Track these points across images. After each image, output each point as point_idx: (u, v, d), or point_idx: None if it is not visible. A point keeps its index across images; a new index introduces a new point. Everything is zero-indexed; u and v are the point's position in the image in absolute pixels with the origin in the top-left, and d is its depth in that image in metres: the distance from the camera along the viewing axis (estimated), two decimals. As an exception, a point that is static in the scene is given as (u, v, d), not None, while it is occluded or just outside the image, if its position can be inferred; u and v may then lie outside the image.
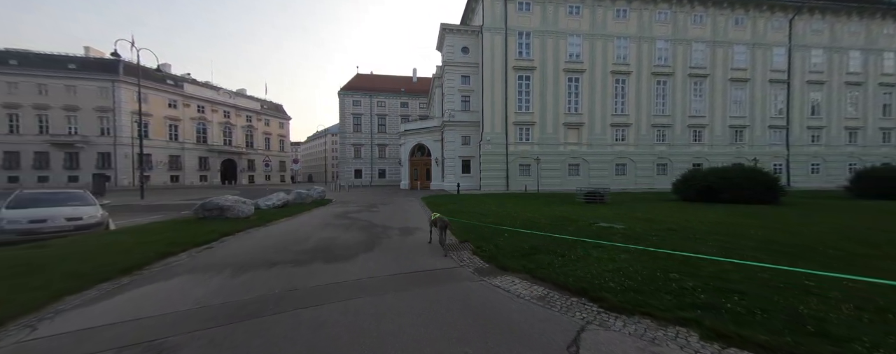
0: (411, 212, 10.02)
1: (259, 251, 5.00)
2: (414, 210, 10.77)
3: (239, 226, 7.17)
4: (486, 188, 23.93)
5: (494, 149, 24.20)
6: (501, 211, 9.92)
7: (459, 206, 11.54)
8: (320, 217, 9.20)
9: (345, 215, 9.54)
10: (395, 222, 7.96)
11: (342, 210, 11.12)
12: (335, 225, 7.64)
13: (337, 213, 10.06)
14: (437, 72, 28.88)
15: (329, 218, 8.80)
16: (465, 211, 10.01)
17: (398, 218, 8.67)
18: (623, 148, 26.25)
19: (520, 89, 24.81)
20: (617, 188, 24.77)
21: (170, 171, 41.63)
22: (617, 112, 26.17)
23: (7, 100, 33.91)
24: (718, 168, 13.51)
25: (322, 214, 9.88)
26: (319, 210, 11.22)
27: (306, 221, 8.31)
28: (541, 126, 25.04)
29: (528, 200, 14.25)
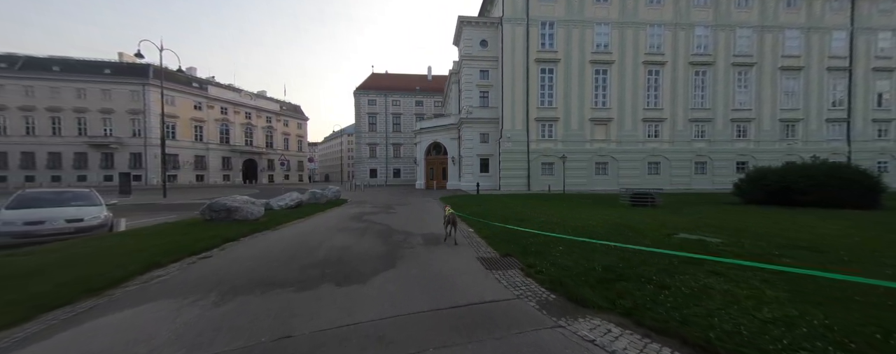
0: (432, 215, 9.10)
1: (260, 263, 4.20)
2: (434, 212, 9.85)
3: (245, 230, 6.50)
4: (506, 188, 22.70)
5: (515, 147, 22.91)
6: (536, 214, 8.79)
7: (484, 207, 10.51)
8: (334, 219, 8.45)
9: (360, 217, 8.75)
10: (415, 227, 7.07)
11: (357, 211, 10.38)
12: (350, 229, 6.83)
13: (352, 215, 9.30)
14: (453, 68, 27.89)
15: (343, 221, 8.02)
16: (493, 213, 8.97)
17: (418, 222, 7.77)
18: (656, 145, 24.16)
19: (542, 83, 23.34)
20: (649, 189, 22.83)
21: (195, 171, 43.14)
22: (649, 105, 24.12)
23: (50, 104, 36.14)
24: (798, 164, 11.53)
25: (336, 216, 9.14)
26: (334, 211, 10.53)
27: (319, 224, 7.56)
28: (565, 122, 23.46)
29: (558, 202, 12.96)
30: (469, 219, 7.73)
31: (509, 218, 7.69)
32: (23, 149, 35.62)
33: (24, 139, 35.65)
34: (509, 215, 8.53)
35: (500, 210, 9.93)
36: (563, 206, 10.88)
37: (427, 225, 7.35)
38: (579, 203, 12.14)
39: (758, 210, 9.40)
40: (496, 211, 9.68)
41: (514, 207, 10.74)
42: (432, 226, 7.04)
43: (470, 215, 8.45)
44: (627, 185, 23.39)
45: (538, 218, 7.89)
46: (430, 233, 6.25)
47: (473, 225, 7.09)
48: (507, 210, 9.90)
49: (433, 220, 7.97)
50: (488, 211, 9.55)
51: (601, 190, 22.59)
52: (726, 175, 24.54)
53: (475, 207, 10.60)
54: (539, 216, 8.34)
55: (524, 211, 9.36)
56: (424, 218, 8.37)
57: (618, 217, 8.02)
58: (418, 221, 7.93)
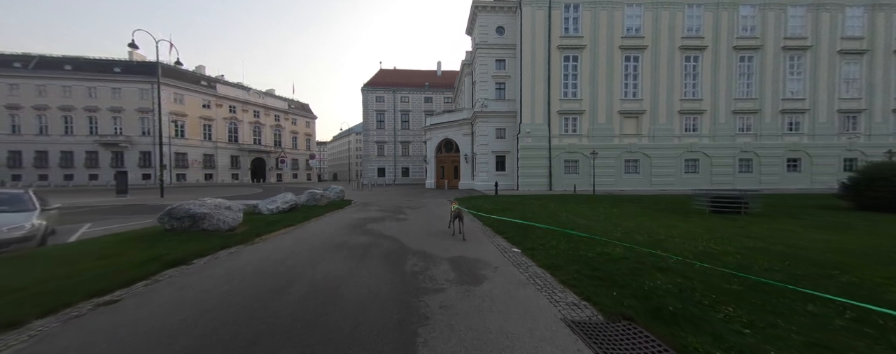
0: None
1: (188, 317, 2.52)
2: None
3: (209, 246, 4.88)
4: (525, 188, 20.68)
5: (535, 143, 20.85)
6: (596, 224, 6.78)
7: (517, 211, 8.61)
8: (330, 229, 6.77)
9: (362, 226, 7.04)
10: (436, 245, 5.21)
11: (361, 216, 8.69)
12: (346, 247, 5.11)
13: (353, 222, 7.61)
14: (466, 59, 25.98)
15: (341, 232, 6.32)
16: (532, 219, 7.07)
17: (439, 235, 5.97)
18: (694, 139, 21.62)
19: (566, 72, 21.17)
20: (687, 189, 20.36)
21: (204, 170, 42.79)
22: (687, 96, 21.59)
23: (62, 102, 36.23)
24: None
25: (334, 223, 7.47)
26: (333, 215, 8.88)
27: (308, 237, 5.89)
28: (591, 115, 21.23)
29: (603, 206, 10.93)
30: (507, 231, 5.91)
31: (563, 233, 5.79)
32: (37, 148, 35.85)
33: (38, 138, 35.87)
34: (553, 221, 6.63)
35: (540, 215, 8.02)
36: (617, 213, 8.77)
37: (453, 240, 5.54)
38: (631, 208, 9.90)
39: (890, 219, 7.13)
40: (531, 215, 7.80)
41: (555, 212, 8.78)
42: (460, 244, 5.22)
43: (502, 218, 6.62)
44: (660, 184, 21.02)
45: (590, 226, 5.96)
46: (459, 257, 4.43)
47: (518, 240, 5.26)
48: (549, 216, 7.94)
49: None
50: (525, 216, 7.65)
51: (631, 190, 20.31)
52: (774, 173, 21.81)
53: (505, 213, 8.71)
54: (601, 227, 6.37)
55: (573, 220, 7.32)
56: (446, 229, 6.60)
57: (728, 231, 5.93)
58: (440, 234, 6.14)
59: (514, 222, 6.88)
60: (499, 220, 7.33)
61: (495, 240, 5.43)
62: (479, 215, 8.39)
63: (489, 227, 6.68)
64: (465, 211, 8.93)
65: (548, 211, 9.10)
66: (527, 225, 6.38)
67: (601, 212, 8.68)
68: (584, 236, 5.35)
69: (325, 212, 9.45)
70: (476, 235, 5.83)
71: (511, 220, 7.15)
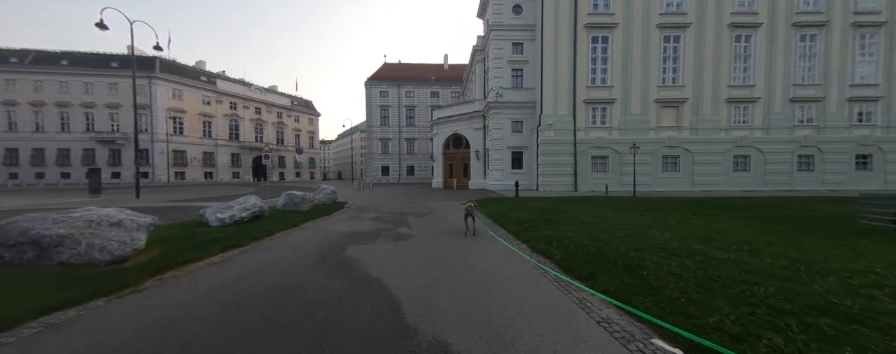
0: (489, 255, 4.51)
1: None
2: (485, 246, 5.33)
3: (39, 303, 2.54)
4: (546, 188, 18.07)
5: (558, 137, 18.19)
6: (723, 254, 4.10)
7: (566, 226, 6.04)
8: (289, 256, 4.40)
9: (341, 251, 4.63)
10: (472, 312, 2.69)
11: (347, 229, 6.32)
12: (285, 312, 2.70)
13: (331, 242, 5.22)
14: (477, 44, 23.41)
15: (299, 267, 3.91)
16: (609, 245, 4.49)
17: (465, 277, 3.50)
18: (745, 132, 18.60)
19: (594, 55, 18.41)
20: (737, 190, 17.43)
21: (203, 168, 41.42)
22: (736, 82, 18.57)
23: (59, 98, 35.18)
24: None
25: (301, 245, 5.10)
26: (309, 229, 6.53)
27: (237, 278, 3.51)
28: (623, 104, 18.43)
29: (662, 211, 8.31)
30: (604, 276, 3.41)
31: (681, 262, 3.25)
32: (33, 146, 34.90)
33: (34, 135, 34.91)
34: (696, 266, 4.06)
35: (608, 230, 5.46)
36: (740, 231, 5.65)
37: (500, 303, 3.05)
38: (739, 222, 6.61)
39: None
40: (597, 230, 5.26)
41: (629, 227, 5.91)
42: (521, 321, 2.51)
43: (556, 240, 4.15)
44: (704, 185, 18.09)
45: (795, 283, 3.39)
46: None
47: (647, 306, 2.77)
48: (634, 236, 5.15)
49: (503, 278, 3.57)
50: (590, 234, 5.12)
51: (670, 191, 17.47)
52: (841, 172, 18.63)
53: (551, 225, 6.16)
54: (776, 271, 3.70)
55: (696, 250, 4.26)
56: (471, 259, 4.11)
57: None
58: (465, 274, 3.66)
59: (590, 249, 4.31)
60: (551, 240, 4.83)
61: (594, 309, 2.67)
62: (511, 229, 5.93)
63: (549, 258, 4.09)
64: (492, 225, 6.42)
65: (610, 222, 6.50)
66: (632, 265, 3.55)
67: (704, 228, 5.82)
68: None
69: (302, 222, 7.12)
70: (541, 289, 3.36)
71: (578, 243, 4.62)
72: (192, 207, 10.45)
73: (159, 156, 37.18)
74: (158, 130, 36.90)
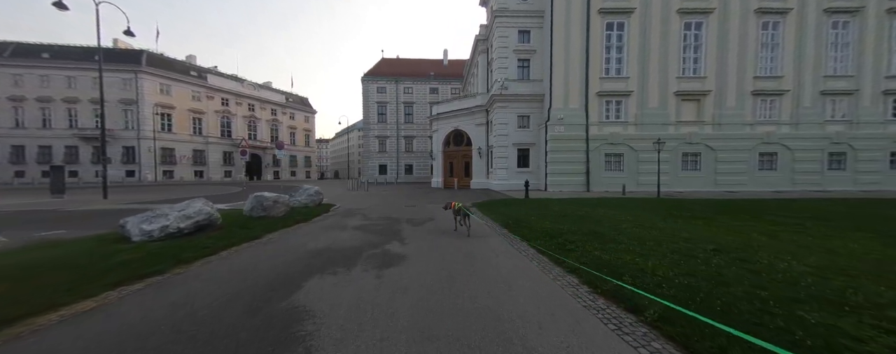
0: (523, 296, 2.95)
1: None
2: (522, 275, 3.71)
3: None
4: (556, 188, 16.57)
5: (569, 133, 16.68)
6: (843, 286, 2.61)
7: (620, 248, 4.40)
8: (210, 296, 2.88)
9: (294, 292, 3.06)
10: None
11: (319, 246, 4.79)
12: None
13: (290, 270, 3.70)
14: (480, 33, 21.87)
15: (205, 332, 2.38)
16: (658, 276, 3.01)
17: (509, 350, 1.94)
18: (771, 128, 17.13)
19: (608, 44, 16.90)
20: (763, 190, 15.97)
21: (194, 166, 39.82)
22: (763, 73, 17.09)
23: (40, 93, 33.55)
24: None
25: (240, 276, 3.56)
26: (266, 245, 5.00)
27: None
28: (640, 97, 16.93)
29: (723, 218, 6.80)
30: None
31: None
32: (13, 142, 33.25)
33: (14, 131, 33.27)
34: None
35: (662, 249, 3.97)
36: (858, 249, 4.22)
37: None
38: (834, 232, 5.28)
39: None
40: (696, 266, 3.68)
41: (703, 254, 4.14)
42: None
43: (601, 255, 2.67)
44: (727, 185, 16.62)
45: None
46: None
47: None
48: (719, 271, 3.58)
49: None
50: (647, 256, 3.63)
51: (691, 191, 16.01)
52: (876, 171, 17.19)
53: (589, 238, 4.64)
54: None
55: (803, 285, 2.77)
56: (505, 311, 2.49)
57: None
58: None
59: (709, 296, 2.78)
60: (620, 270, 3.31)
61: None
62: (542, 246, 4.40)
63: (639, 314, 2.32)
64: (510, 237, 4.85)
65: (672, 236, 4.93)
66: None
67: (824, 249, 4.22)
68: None
69: (266, 233, 5.61)
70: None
71: (672, 281, 3.04)
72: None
73: (146, 153, 35.57)
74: (145, 127, 35.29)
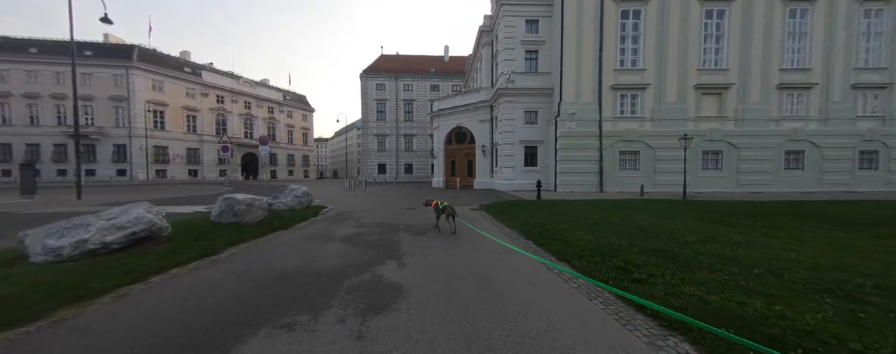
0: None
1: None
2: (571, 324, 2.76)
3: None
4: (566, 188, 15.42)
5: (581, 129, 15.52)
6: None
7: (726, 272, 3.29)
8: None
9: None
10: None
11: (295, 264, 3.66)
12: None
13: (234, 313, 2.58)
14: (484, 24, 20.68)
15: None
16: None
17: None
18: (798, 124, 15.96)
19: (623, 33, 15.72)
20: (790, 191, 14.82)
21: (188, 165, 38.70)
22: (790, 65, 15.91)
23: (28, 89, 32.44)
24: None
25: (152, 324, 2.43)
26: (220, 266, 3.85)
27: None
28: (657, 91, 15.76)
29: (792, 225, 5.66)
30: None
31: None
32: (0, 140, 32.15)
33: (1, 129, 32.13)
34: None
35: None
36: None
37: None
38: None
39: None
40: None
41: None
42: None
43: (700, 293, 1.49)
44: (750, 185, 15.45)
45: None
46: None
47: None
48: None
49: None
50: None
51: (713, 192, 14.87)
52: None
53: (688, 271, 3.47)
54: None
55: None
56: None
57: None
58: None
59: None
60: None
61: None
62: (601, 272, 3.26)
63: None
64: (538, 250, 3.66)
65: (752, 251, 3.82)
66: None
67: None
68: None
69: (228, 246, 4.47)
70: None
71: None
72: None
73: (138, 152, 34.44)
74: (137, 124, 34.15)
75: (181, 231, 5.00)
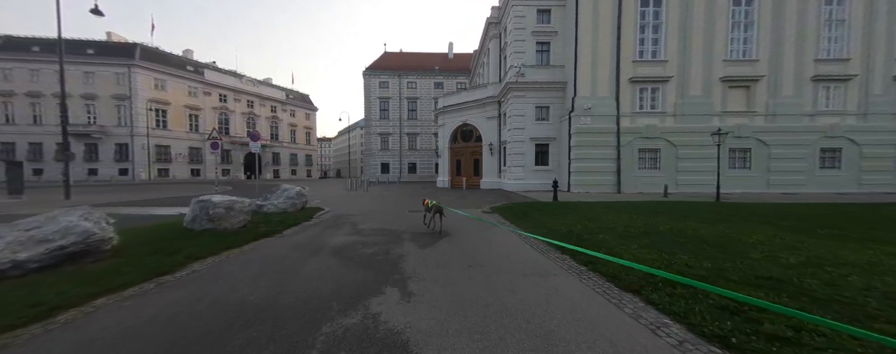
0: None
1: None
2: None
3: None
4: (581, 189, 14.40)
5: (596, 125, 14.47)
6: None
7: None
8: None
9: None
10: None
11: (262, 294, 2.80)
12: None
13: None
14: (492, 16, 19.68)
15: None
16: None
17: None
18: (835, 119, 14.70)
19: (643, 21, 14.61)
20: (823, 192, 13.61)
21: (190, 165, 38.33)
22: (826, 55, 14.66)
23: (30, 88, 32.29)
24: None
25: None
26: (165, 295, 2.99)
27: None
28: (680, 83, 14.63)
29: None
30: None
31: None
32: (2, 139, 32.04)
33: (3, 128, 32.04)
34: None
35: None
36: None
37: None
38: None
39: None
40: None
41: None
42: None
43: None
44: (781, 185, 14.26)
45: None
46: None
47: None
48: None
49: None
50: None
51: (740, 193, 13.71)
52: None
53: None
54: None
55: None
56: None
57: None
58: None
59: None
60: None
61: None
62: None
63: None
64: (604, 282, 2.65)
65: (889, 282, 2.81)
66: None
67: None
68: None
69: (188, 261, 3.60)
70: None
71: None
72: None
73: (140, 151, 34.12)
74: (139, 123, 33.83)
75: (138, 241, 4.16)
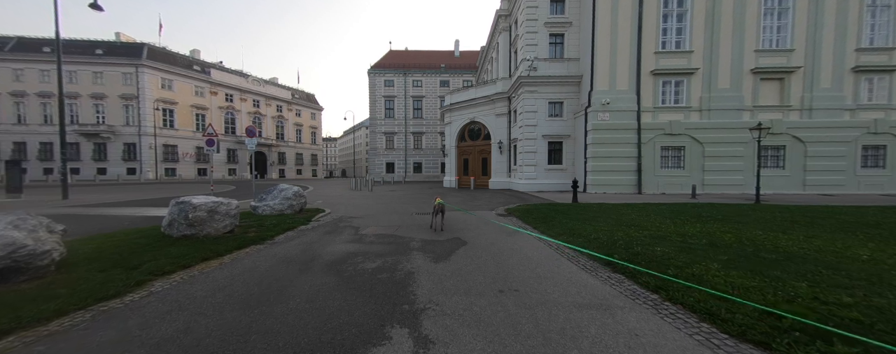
0: None
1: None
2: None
3: None
4: (598, 189, 13.48)
5: (615, 121, 13.53)
6: None
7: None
8: None
9: None
10: None
11: (209, 350, 2.03)
12: None
13: None
14: (502, 8, 18.84)
15: None
16: None
17: None
18: (879, 114, 13.48)
19: (666, 9, 13.62)
20: (866, 194, 12.43)
21: (197, 164, 38.38)
22: (867, 44, 13.46)
23: (41, 88, 32.66)
24: None
25: None
26: (106, 333, 2.27)
27: None
28: (707, 76, 13.59)
29: None
30: None
31: None
32: (14, 139, 32.46)
33: (15, 127, 32.48)
34: None
35: None
36: None
37: None
38: None
39: None
40: None
41: None
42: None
43: None
44: (819, 186, 13.11)
45: None
46: None
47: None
48: None
49: None
50: None
51: (772, 194, 12.63)
52: None
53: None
54: None
55: None
56: None
57: None
58: None
59: None
60: None
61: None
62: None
63: None
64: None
65: None
66: None
67: None
68: None
69: (149, 279, 2.92)
70: None
71: None
72: (92, 216, 6.51)
73: (147, 150, 34.24)
74: (146, 123, 33.94)
75: (101, 251, 3.52)
